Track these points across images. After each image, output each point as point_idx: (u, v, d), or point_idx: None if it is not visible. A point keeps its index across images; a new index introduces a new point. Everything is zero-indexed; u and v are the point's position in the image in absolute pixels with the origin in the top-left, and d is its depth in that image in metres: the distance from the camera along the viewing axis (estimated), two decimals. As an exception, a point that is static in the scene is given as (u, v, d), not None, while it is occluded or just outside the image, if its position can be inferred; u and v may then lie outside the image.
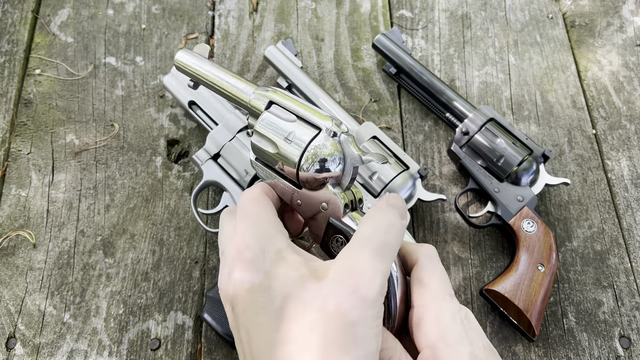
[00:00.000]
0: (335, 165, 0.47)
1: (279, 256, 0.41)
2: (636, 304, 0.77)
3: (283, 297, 0.39)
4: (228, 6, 1.01)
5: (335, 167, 0.47)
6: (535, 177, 0.79)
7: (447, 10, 1.02)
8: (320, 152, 0.47)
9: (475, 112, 0.82)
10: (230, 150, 0.76)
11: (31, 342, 0.73)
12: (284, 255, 0.41)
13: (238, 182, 0.76)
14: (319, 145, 0.47)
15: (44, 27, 0.98)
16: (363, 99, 0.93)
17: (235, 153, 0.75)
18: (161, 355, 0.73)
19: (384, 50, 0.90)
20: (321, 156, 0.47)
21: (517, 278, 0.72)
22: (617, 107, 0.93)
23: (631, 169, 0.88)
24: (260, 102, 0.51)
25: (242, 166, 0.75)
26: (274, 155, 0.48)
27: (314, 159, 0.47)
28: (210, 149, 0.77)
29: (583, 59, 0.98)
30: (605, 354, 0.74)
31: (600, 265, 0.80)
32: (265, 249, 0.41)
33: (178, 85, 0.82)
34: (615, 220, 0.84)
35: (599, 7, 1.04)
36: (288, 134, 0.48)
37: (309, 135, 0.47)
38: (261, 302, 0.40)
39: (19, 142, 0.87)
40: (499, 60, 0.97)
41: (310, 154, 0.47)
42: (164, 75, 0.87)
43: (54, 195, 0.83)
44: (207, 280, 0.78)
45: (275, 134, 0.48)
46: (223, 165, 0.77)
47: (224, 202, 0.77)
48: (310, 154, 0.47)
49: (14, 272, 0.78)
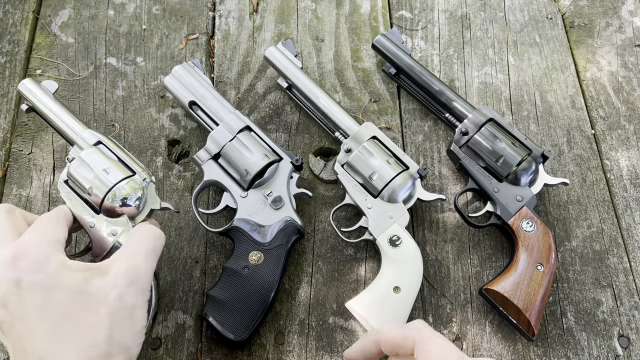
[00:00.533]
0: (133, 203, 0.66)
1: (62, 265, 0.53)
2: (635, 304, 0.78)
3: (71, 293, 0.51)
4: (228, 7, 1.02)
5: (133, 205, 0.66)
6: (534, 177, 0.79)
7: (447, 11, 1.02)
8: (125, 191, 0.66)
9: (475, 112, 0.83)
10: (231, 150, 0.75)
11: (32, 341, 0.73)
12: (67, 264, 0.54)
13: (238, 182, 0.75)
14: (125, 185, 0.66)
15: (45, 28, 0.98)
16: (363, 99, 0.93)
17: (236, 153, 0.75)
18: (162, 355, 0.73)
19: (383, 50, 0.90)
20: (124, 194, 0.66)
21: (517, 278, 0.72)
22: (616, 107, 0.93)
23: (630, 169, 0.88)
24: (92, 137, 0.71)
25: (243, 166, 0.74)
26: (88, 180, 0.66)
27: (118, 194, 0.66)
28: (211, 149, 0.77)
29: (582, 60, 0.98)
30: (604, 353, 0.74)
31: (599, 265, 0.80)
32: (50, 258, 0.53)
33: (179, 86, 0.81)
34: (614, 220, 0.84)
35: (598, 7, 1.04)
36: (107, 168, 0.67)
37: (123, 175, 0.67)
38: (44, 297, 0.50)
39: (20, 142, 0.87)
40: (498, 60, 0.97)
41: (118, 189, 0.66)
42: (165, 76, 0.87)
43: (55, 195, 0.83)
44: (208, 280, 0.78)
45: (95, 165, 0.67)
46: (224, 165, 0.76)
47: (224, 202, 0.76)
48: (117, 190, 0.66)
49: (15, 272, 0.78)
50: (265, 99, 0.92)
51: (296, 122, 0.90)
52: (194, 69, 0.83)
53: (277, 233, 0.73)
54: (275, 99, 0.92)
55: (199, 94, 0.80)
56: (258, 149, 0.75)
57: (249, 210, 0.74)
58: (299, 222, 0.74)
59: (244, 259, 0.71)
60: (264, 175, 0.75)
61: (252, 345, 0.73)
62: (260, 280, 0.70)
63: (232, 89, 0.93)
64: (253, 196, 0.75)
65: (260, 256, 0.71)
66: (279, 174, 0.76)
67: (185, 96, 0.81)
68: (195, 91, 0.80)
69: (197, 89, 0.80)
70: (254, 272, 0.70)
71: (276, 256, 0.72)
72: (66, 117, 0.73)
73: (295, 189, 0.77)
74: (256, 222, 0.73)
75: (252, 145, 0.75)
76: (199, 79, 0.82)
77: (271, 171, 0.76)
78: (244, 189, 0.75)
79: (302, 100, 0.88)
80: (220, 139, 0.77)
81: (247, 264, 0.71)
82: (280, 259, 0.72)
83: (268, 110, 0.91)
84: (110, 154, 0.70)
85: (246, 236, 0.73)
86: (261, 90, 0.93)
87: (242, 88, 0.93)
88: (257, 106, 0.91)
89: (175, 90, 0.82)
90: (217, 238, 0.81)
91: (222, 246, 0.80)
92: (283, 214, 0.74)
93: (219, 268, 0.79)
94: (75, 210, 0.67)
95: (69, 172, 0.68)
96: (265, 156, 0.75)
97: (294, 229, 0.74)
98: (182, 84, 0.81)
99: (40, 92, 0.74)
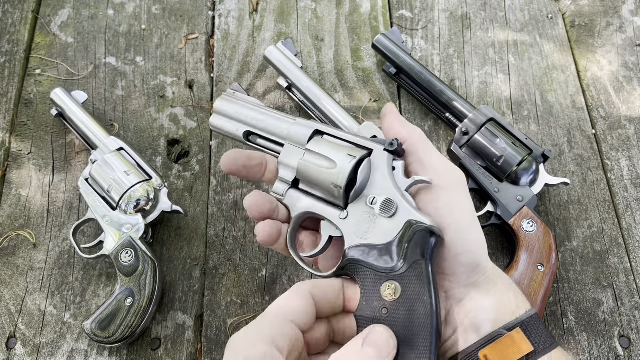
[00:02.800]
0: (148, 204, 0.76)
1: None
2: (636, 304, 0.78)
3: None
4: (228, 6, 1.01)
5: (147, 205, 0.76)
6: (535, 177, 0.79)
7: (447, 11, 1.02)
8: (139, 193, 0.76)
9: (475, 112, 0.82)
10: (307, 168, 0.57)
11: (31, 341, 0.73)
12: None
13: (332, 202, 0.57)
14: (140, 188, 0.76)
15: (45, 27, 0.98)
16: (363, 99, 0.93)
17: (314, 169, 0.57)
18: (161, 355, 0.73)
19: (383, 50, 0.90)
20: (139, 196, 0.76)
21: (517, 278, 0.72)
22: (616, 107, 0.93)
23: (631, 169, 0.88)
24: (115, 143, 0.80)
25: (328, 181, 0.55)
26: (108, 180, 0.76)
27: (134, 195, 0.76)
28: (285, 176, 0.60)
29: (583, 59, 0.98)
30: (604, 353, 0.74)
31: (600, 265, 0.80)
32: None
33: (226, 122, 0.65)
34: (615, 220, 0.84)
35: (598, 7, 1.04)
36: (127, 171, 0.77)
37: (141, 178, 0.77)
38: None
39: (19, 142, 0.87)
40: (499, 60, 0.97)
41: (134, 191, 0.76)
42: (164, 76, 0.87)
43: (54, 195, 0.83)
44: (207, 280, 0.78)
45: (117, 167, 0.77)
46: (307, 189, 0.58)
47: (325, 235, 0.58)
48: (133, 192, 0.76)
49: (15, 272, 0.78)
50: (265, 98, 0.92)
51: (296, 122, 0.90)
52: (235, 95, 0.67)
53: (404, 247, 0.52)
54: (275, 98, 0.92)
55: (250, 119, 0.64)
56: (338, 152, 0.57)
57: (357, 232, 0.54)
58: (427, 220, 0.51)
59: (377, 298, 0.51)
60: (357, 181, 0.55)
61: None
62: (411, 315, 0.50)
63: (232, 89, 0.93)
64: (355, 212, 0.55)
65: (395, 287, 0.51)
66: (375, 170, 0.56)
67: (237, 129, 0.64)
68: (245, 118, 0.64)
69: (246, 115, 0.64)
70: (396, 310, 0.50)
71: (416, 277, 0.51)
72: (91, 124, 0.82)
73: (405, 181, 0.55)
74: (371, 243, 0.53)
75: (329, 151, 0.57)
76: (245, 103, 0.65)
77: (364, 172, 0.55)
78: (341, 208, 0.56)
79: (302, 100, 0.87)
80: (290, 160, 0.59)
81: (384, 304, 0.51)
82: (422, 278, 0.51)
83: (268, 110, 0.91)
84: (130, 159, 0.80)
85: (367, 267, 0.52)
86: (261, 90, 0.93)
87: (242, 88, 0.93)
88: (257, 106, 0.91)
89: (224, 128, 0.65)
90: (217, 238, 0.81)
91: (221, 246, 0.80)
92: (402, 218, 0.53)
93: (218, 268, 0.79)
94: (92, 205, 0.77)
95: (90, 172, 0.77)
96: (349, 156, 0.56)
97: (423, 233, 0.51)
98: (228, 118, 0.65)
99: (69, 100, 0.84)
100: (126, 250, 0.73)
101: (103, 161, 0.77)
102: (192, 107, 0.91)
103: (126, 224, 0.75)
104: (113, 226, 0.75)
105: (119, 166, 0.77)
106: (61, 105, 0.84)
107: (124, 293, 0.72)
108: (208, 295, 0.77)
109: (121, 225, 0.75)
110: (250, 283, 0.78)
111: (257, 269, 0.79)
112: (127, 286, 0.72)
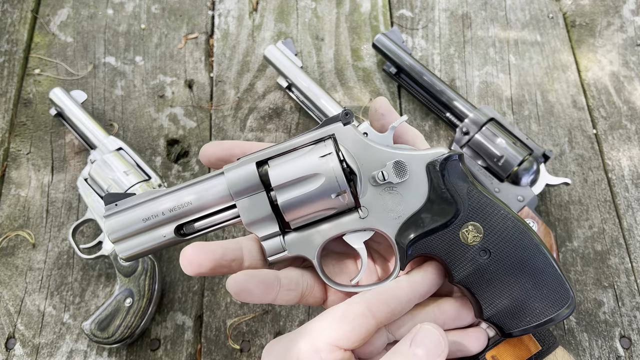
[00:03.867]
0: None
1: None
2: (637, 304, 0.77)
3: None
4: (228, 6, 1.01)
5: None
6: (535, 177, 0.79)
7: (448, 10, 1.02)
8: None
9: (476, 112, 0.82)
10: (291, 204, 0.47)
11: (31, 342, 0.73)
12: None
13: (340, 211, 0.49)
14: (140, 188, 0.74)
15: (44, 27, 0.97)
16: (363, 98, 0.93)
17: (299, 199, 0.47)
18: (161, 356, 0.73)
19: (384, 50, 0.90)
20: None
21: (518, 278, 0.72)
22: (617, 106, 0.93)
23: (632, 169, 0.88)
24: (114, 143, 0.80)
25: (326, 195, 0.47)
26: (107, 180, 0.75)
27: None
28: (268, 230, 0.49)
29: (583, 59, 0.98)
30: (605, 354, 0.74)
31: (601, 265, 0.80)
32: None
33: (132, 245, 0.53)
34: (616, 220, 0.84)
35: (599, 6, 1.04)
36: (126, 170, 0.76)
37: (140, 178, 0.76)
38: None
39: (18, 142, 0.87)
40: (500, 60, 0.97)
41: (134, 191, 0.73)
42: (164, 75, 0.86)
43: (53, 195, 0.83)
44: (207, 281, 0.78)
45: (116, 167, 0.76)
46: (303, 223, 0.49)
47: (358, 245, 0.50)
48: (133, 191, 0.69)
49: (14, 272, 0.78)
50: (265, 98, 0.92)
51: (296, 122, 0.90)
52: (117, 206, 0.52)
53: (446, 189, 0.47)
54: (275, 98, 0.92)
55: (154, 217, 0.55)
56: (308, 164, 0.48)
57: (390, 214, 0.48)
58: (441, 149, 0.48)
59: (465, 250, 0.47)
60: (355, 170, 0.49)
61: (252, 347, 0.73)
62: (510, 237, 0.46)
63: (231, 89, 0.92)
64: (372, 200, 0.48)
65: (473, 226, 0.46)
66: (354, 147, 0.49)
67: (153, 239, 0.55)
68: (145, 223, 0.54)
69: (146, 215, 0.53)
70: (495, 243, 0.46)
71: (478, 204, 0.46)
72: (90, 124, 0.82)
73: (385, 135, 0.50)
74: (414, 211, 0.47)
75: (297, 171, 0.47)
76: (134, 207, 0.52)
77: (348, 157, 0.49)
78: (354, 208, 0.49)
79: (302, 100, 0.87)
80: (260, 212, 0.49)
81: (477, 249, 0.46)
82: (483, 199, 0.47)
83: (268, 110, 0.91)
84: (129, 159, 0.79)
85: (431, 234, 0.47)
86: (261, 89, 0.92)
87: (241, 87, 0.93)
88: (257, 106, 0.91)
89: (134, 252, 0.53)
90: (217, 238, 0.81)
91: (221, 246, 0.80)
92: (419, 168, 0.48)
93: (218, 268, 0.78)
94: (91, 205, 0.76)
95: (89, 172, 0.77)
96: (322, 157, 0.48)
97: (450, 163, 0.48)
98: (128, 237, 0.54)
99: (69, 100, 0.83)
100: (125, 250, 0.73)
101: (102, 161, 0.77)
102: (191, 107, 0.91)
103: None
104: None
105: (118, 166, 0.77)
106: (60, 105, 0.83)
107: (124, 293, 0.71)
108: (207, 295, 0.77)
109: None
110: (250, 283, 0.78)
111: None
112: (126, 286, 0.72)
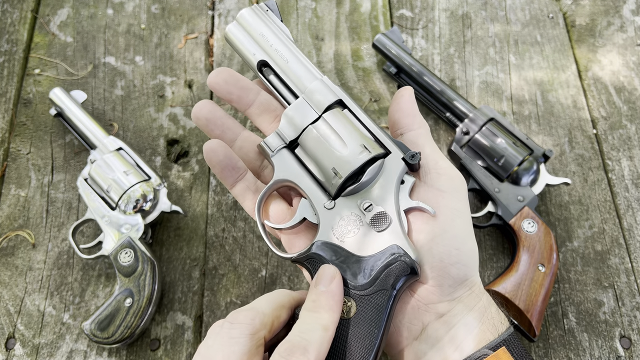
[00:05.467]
0: (147, 203, 0.76)
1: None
2: (637, 304, 0.77)
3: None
4: (228, 6, 1.01)
5: (146, 205, 0.76)
6: (535, 177, 0.79)
7: (448, 10, 1.02)
8: (139, 193, 0.75)
9: (476, 111, 0.82)
10: (313, 137, 0.51)
11: (31, 342, 0.73)
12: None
13: (323, 184, 0.51)
14: (140, 188, 0.76)
15: (44, 27, 0.97)
16: (363, 98, 0.93)
17: (320, 143, 0.50)
18: (161, 356, 0.73)
19: (384, 49, 0.90)
20: (139, 196, 0.75)
21: (518, 278, 0.72)
22: (617, 106, 0.93)
23: (632, 169, 0.88)
24: (114, 143, 0.80)
25: (331, 162, 0.49)
26: (107, 180, 0.76)
27: (133, 195, 0.75)
28: (286, 132, 0.52)
29: (584, 59, 0.98)
30: (605, 354, 0.74)
31: (601, 265, 0.80)
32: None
33: (245, 38, 0.55)
34: (616, 220, 0.83)
35: (599, 6, 1.04)
36: (126, 171, 0.76)
37: (140, 178, 0.76)
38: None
39: (18, 142, 0.87)
40: (500, 60, 0.97)
41: (134, 191, 0.75)
42: (163, 76, 0.86)
43: (53, 195, 0.83)
44: (207, 281, 0.77)
45: (116, 167, 0.77)
46: (302, 158, 0.52)
47: (300, 214, 0.51)
48: (132, 191, 0.75)
49: (14, 272, 0.78)
50: (265, 98, 0.92)
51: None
52: (268, 13, 0.56)
53: (378, 270, 0.47)
54: (275, 98, 0.92)
55: (273, 50, 0.54)
56: (353, 138, 0.50)
57: (336, 229, 0.49)
58: (412, 253, 0.47)
59: None
60: (362, 177, 0.49)
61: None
62: (354, 341, 0.45)
63: (231, 89, 0.92)
64: (343, 209, 0.49)
65: (351, 305, 0.46)
66: (383, 175, 0.50)
67: (254, 54, 0.55)
68: (268, 46, 0.54)
69: (271, 43, 0.54)
70: (343, 328, 0.46)
71: (376, 306, 0.46)
72: (90, 124, 0.82)
73: (408, 201, 0.50)
74: (346, 249, 0.48)
75: (344, 131, 0.50)
76: (274, 28, 0.55)
77: (372, 172, 0.49)
78: (330, 196, 0.50)
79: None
80: (299, 119, 0.52)
81: None
82: (381, 309, 0.46)
83: (268, 109, 0.91)
84: (129, 159, 0.80)
85: None
86: (261, 89, 0.92)
87: (241, 87, 0.93)
88: (257, 106, 0.91)
89: (239, 43, 0.55)
90: (216, 238, 0.81)
91: (221, 247, 0.80)
92: (389, 239, 0.48)
93: (218, 269, 0.78)
94: (91, 206, 0.76)
95: (89, 172, 0.77)
96: (364, 149, 0.50)
97: (404, 266, 0.46)
98: (249, 36, 0.55)
99: (68, 100, 0.83)
100: (125, 250, 0.73)
101: (102, 161, 0.77)
102: (191, 107, 0.91)
103: (125, 224, 0.75)
104: (112, 226, 0.75)
105: (118, 166, 0.77)
106: (60, 104, 0.83)
107: (123, 293, 0.71)
108: (207, 295, 0.77)
109: (120, 226, 0.75)
110: (249, 283, 0.78)
111: (256, 270, 0.79)
112: (126, 286, 0.72)
